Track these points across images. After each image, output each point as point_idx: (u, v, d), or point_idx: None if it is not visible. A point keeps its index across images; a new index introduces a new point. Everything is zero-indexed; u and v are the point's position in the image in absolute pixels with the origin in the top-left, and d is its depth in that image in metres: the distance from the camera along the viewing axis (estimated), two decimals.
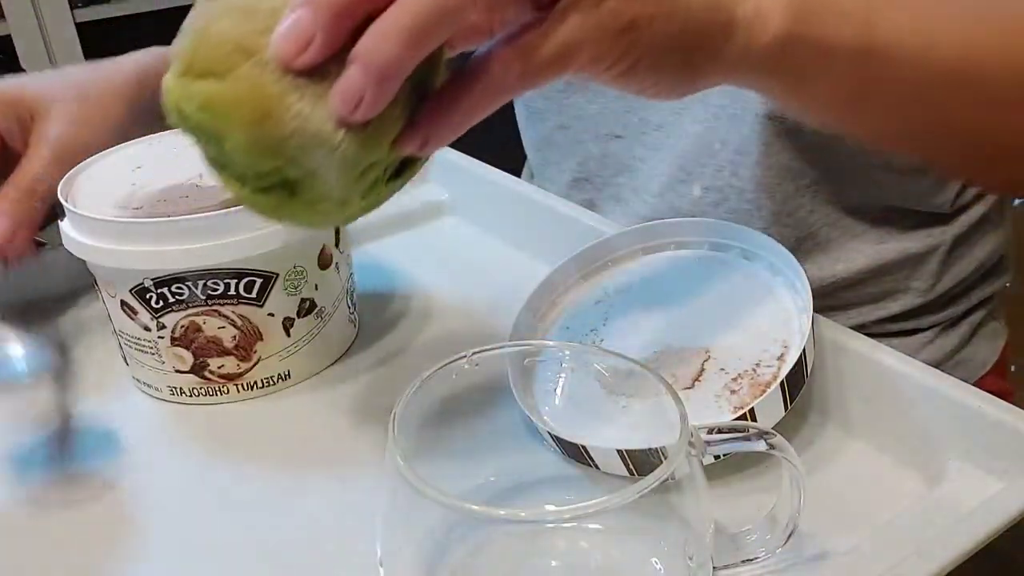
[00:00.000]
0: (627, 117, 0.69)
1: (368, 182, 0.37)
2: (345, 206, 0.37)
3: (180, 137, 0.37)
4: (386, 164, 0.37)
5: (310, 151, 0.34)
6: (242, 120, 0.33)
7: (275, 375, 0.54)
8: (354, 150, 0.34)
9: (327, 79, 0.33)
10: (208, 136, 0.35)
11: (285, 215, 0.38)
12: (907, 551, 0.37)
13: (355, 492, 0.47)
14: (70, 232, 0.51)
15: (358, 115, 0.33)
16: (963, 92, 0.46)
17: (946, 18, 0.46)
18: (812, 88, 0.44)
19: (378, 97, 0.32)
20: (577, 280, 0.57)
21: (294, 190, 0.36)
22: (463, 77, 0.35)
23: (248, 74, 0.33)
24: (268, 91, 0.33)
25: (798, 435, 0.49)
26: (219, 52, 0.33)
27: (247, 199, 0.37)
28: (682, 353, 0.50)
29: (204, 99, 0.34)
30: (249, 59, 0.33)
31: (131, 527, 0.45)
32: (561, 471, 0.46)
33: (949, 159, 0.54)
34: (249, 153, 0.34)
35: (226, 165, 0.36)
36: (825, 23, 0.41)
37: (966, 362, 0.72)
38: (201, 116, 0.34)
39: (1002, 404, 0.43)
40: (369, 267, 0.68)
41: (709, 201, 0.66)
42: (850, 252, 0.66)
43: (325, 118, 0.33)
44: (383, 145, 0.35)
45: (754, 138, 0.62)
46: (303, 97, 0.33)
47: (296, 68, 0.33)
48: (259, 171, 0.35)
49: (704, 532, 0.36)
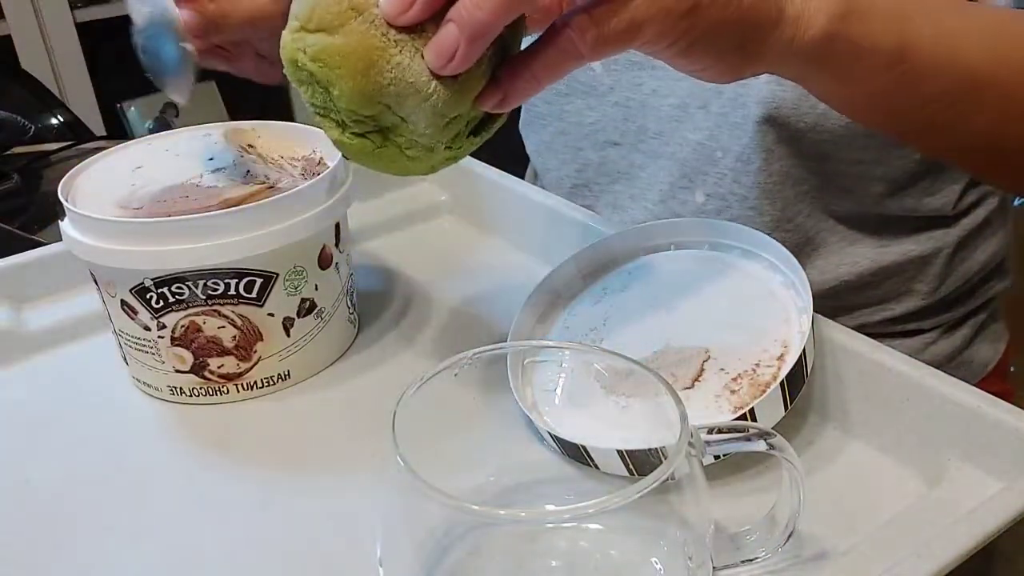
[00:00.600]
0: (625, 125, 0.69)
1: (452, 133, 0.41)
2: (431, 153, 0.42)
3: (180, 137, 0.37)
4: (468, 118, 0.42)
5: (405, 98, 0.39)
6: (350, 69, 0.38)
7: (275, 375, 0.54)
8: (443, 100, 0.39)
9: (424, 36, 0.38)
10: (318, 84, 0.40)
11: (377, 158, 0.42)
12: (907, 551, 0.37)
13: (355, 492, 0.47)
14: (70, 232, 0.51)
15: (449, 69, 0.38)
16: (982, 99, 0.49)
17: (970, 30, 0.49)
18: (848, 84, 0.47)
19: (468, 54, 0.37)
20: (577, 280, 0.57)
21: (387, 136, 0.41)
22: (540, 42, 0.40)
23: (357, 29, 0.38)
24: (373, 44, 0.38)
25: (798, 435, 0.49)
26: (333, 10, 0.39)
27: (345, 143, 0.42)
28: (682, 353, 0.50)
29: (318, 50, 0.39)
30: (358, 16, 0.38)
31: (131, 526, 0.45)
32: (561, 471, 0.46)
33: (966, 157, 0.56)
34: (353, 99, 0.39)
35: (329, 112, 0.41)
36: (865, 26, 0.44)
37: (967, 363, 0.72)
38: (314, 66, 0.39)
39: (1002, 404, 0.43)
40: (369, 267, 0.68)
41: (712, 208, 0.66)
42: (852, 256, 0.66)
43: (420, 70, 0.38)
44: (468, 99, 0.40)
45: (755, 145, 0.62)
46: (403, 51, 0.38)
47: (399, 25, 0.38)
48: (359, 116, 0.40)
49: (704, 532, 0.36)
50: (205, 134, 0.60)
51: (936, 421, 0.44)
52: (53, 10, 1.85)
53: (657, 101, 0.67)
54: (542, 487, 0.46)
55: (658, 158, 0.68)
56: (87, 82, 1.93)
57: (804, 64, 0.44)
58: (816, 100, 0.59)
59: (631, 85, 0.68)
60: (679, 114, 0.66)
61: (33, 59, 1.84)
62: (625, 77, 0.68)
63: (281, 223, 0.50)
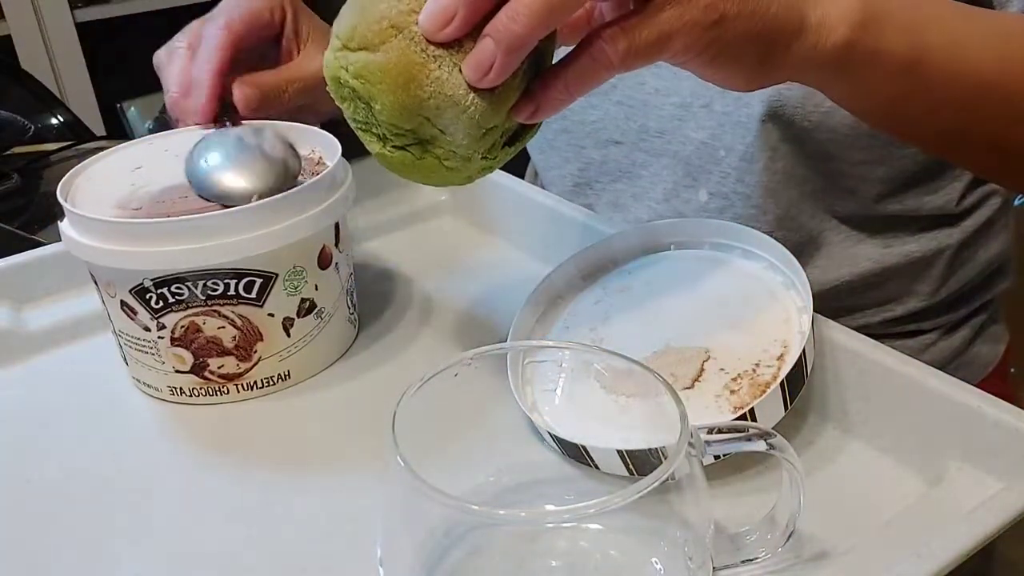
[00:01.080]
0: (626, 124, 0.69)
1: (488, 143, 0.43)
2: (468, 163, 0.43)
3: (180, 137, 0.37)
4: (503, 129, 0.43)
5: (444, 111, 0.40)
6: (391, 84, 0.40)
7: (275, 375, 0.54)
8: (480, 112, 0.40)
9: (462, 51, 0.40)
10: (359, 100, 0.42)
11: (417, 170, 0.44)
12: (907, 551, 0.37)
13: (355, 492, 0.47)
14: (70, 232, 0.51)
15: (486, 82, 0.39)
16: (991, 103, 0.50)
17: (981, 36, 0.50)
18: (863, 90, 0.48)
19: (504, 67, 0.39)
20: (577, 280, 0.57)
21: (426, 148, 0.42)
22: (572, 55, 0.41)
23: (397, 46, 0.40)
24: (413, 60, 0.40)
25: (798, 435, 0.49)
26: (374, 28, 0.40)
27: (387, 156, 0.43)
28: (682, 353, 0.50)
29: (360, 67, 0.41)
30: (399, 34, 0.40)
31: (131, 526, 0.45)
32: (561, 471, 0.46)
33: (974, 159, 0.57)
34: (394, 113, 0.41)
35: (371, 126, 0.43)
36: (882, 34, 0.45)
37: (968, 364, 0.72)
38: (356, 83, 0.41)
39: (1002, 404, 0.43)
40: (369, 267, 0.68)
41: (715, 207, 0.66)
42: (855, 257, 0.66)
43: (459, 84, 0.40)
44: (503, 110, 0.41)
45: (759, 144, 0.62)
46: (441, 66, 0.40)
47: (437, 41, 0.39)
48: (399, 130, 0.42)
49: (704, 532, 0.36)
50: (205, 134, 0.60)
51: (936, 421, 0.44)
52: (53, 10, 1.86)
53: (659, 100, 0.67)
54: (542, 487, 0.46)
55: (660, 157, 0.68)
56: (87, 82, 1.94)
57: (823, 71, 0.46)
58: (821, 100, 0.59)
59: (634, 84, 0.68)
60: (681, 113, 0.66)
61: (33, 59, 1.84)
62: (627, 76, 0.68)
63: (281, 223, 0.50)
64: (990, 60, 0.49)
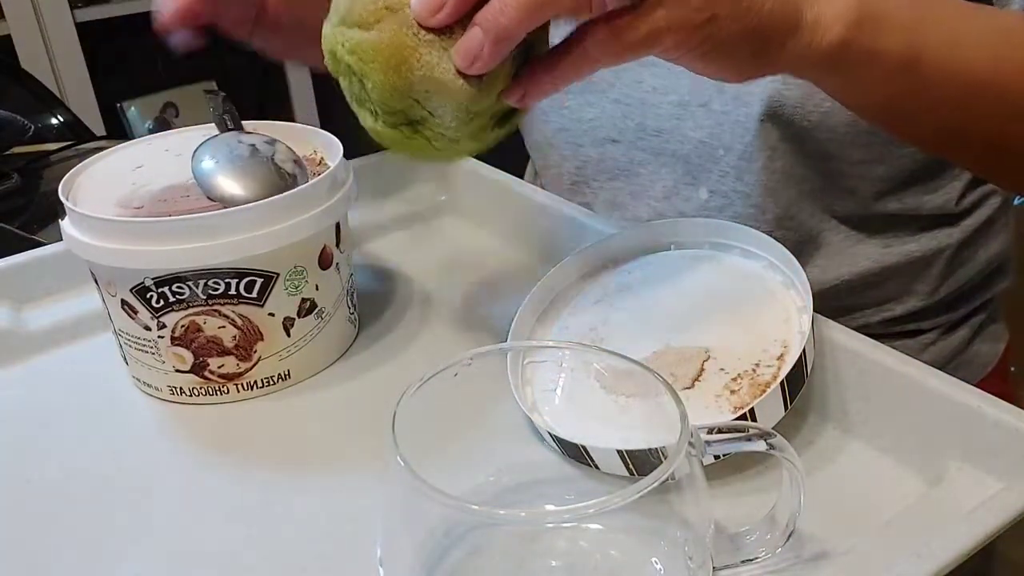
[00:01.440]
0: (624, 122, 0.69)
1: (477, 126, 0.44)
2: (457, 144, 0.44)
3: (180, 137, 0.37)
4: (492, 112, 0.44)
5: (433, 95, 0.41)
6: (382, 64, 0.41)
7: (275, 375, 0.54)
8: (468, 97, 0.41)
9: (452, 37, 0.40)
10: (354, 75, 0.42)
11: (408, 148, 0.45)
12: (907, 551, 0.37)
13: (355, 492, 0.47)
14: (71, 231, 0.51)
15: (474, 69, 0.40)
16: (987, 102, 0.50)
17: (978, 35, 0.50)
18: (861, 87, 0.48)
19: (492, 56, 0.39)
20: (577, 280, 0.57)
21: (416, 127, 0.43)
22: (562, 46, 0.41)
23: (390, 27, 0.40)
24: (405, 42, 0.40)
25: (798, 435, 0.49)
26: (370, 8, 0.41)
27: (379, 131, 0.44)
28: (682, 353, 0.50)
29: (354, 44, 0.41)
30: (392, 15, 0.40)
31: (131, 526, 0.45)
32: (561, 471, 0.46)
33: (972, 157, 0.57)
34: (385, 92, 0.41)
35: (364, 102, 0.43)
36: (879, 33, 0.45)
37: (967, 364, 0.72)
38: (351, 58, 0.42)
39: (1002, 404, 0.43)
40: (369, 267, 0.68)
41: (714, 206, 0.66)
42: (854, 256, 0.66)
43: (448, 69, 0.40)
44: (492, 96, 0.42)
45: (758, 143, 0.62)
46: (432, 50, 0.40)
47: (429, 26, 0.40)
48: (391, 109, 0.42)
49: (704, 532, 0.36)
50: (205, 134, 0.60)
51: (936, 421, 0.44)
52: (53, 10, 1.85)
53: (657, 99, 0.67)
54: (542, 487, 0.46)
55: (659, 155, 0.68)
56: (87, 82, 1.93)
57: (818, 69, 0.46)
58: (820, 99, 0.59)
59: (631, 82, 0.68)
60: (679, 112, 0.66)
61: (33, 59, 1.84)
62: (625, 74, 0.68)
63: (282, 223, 0.50)
64: (986, 58, 0.49)
